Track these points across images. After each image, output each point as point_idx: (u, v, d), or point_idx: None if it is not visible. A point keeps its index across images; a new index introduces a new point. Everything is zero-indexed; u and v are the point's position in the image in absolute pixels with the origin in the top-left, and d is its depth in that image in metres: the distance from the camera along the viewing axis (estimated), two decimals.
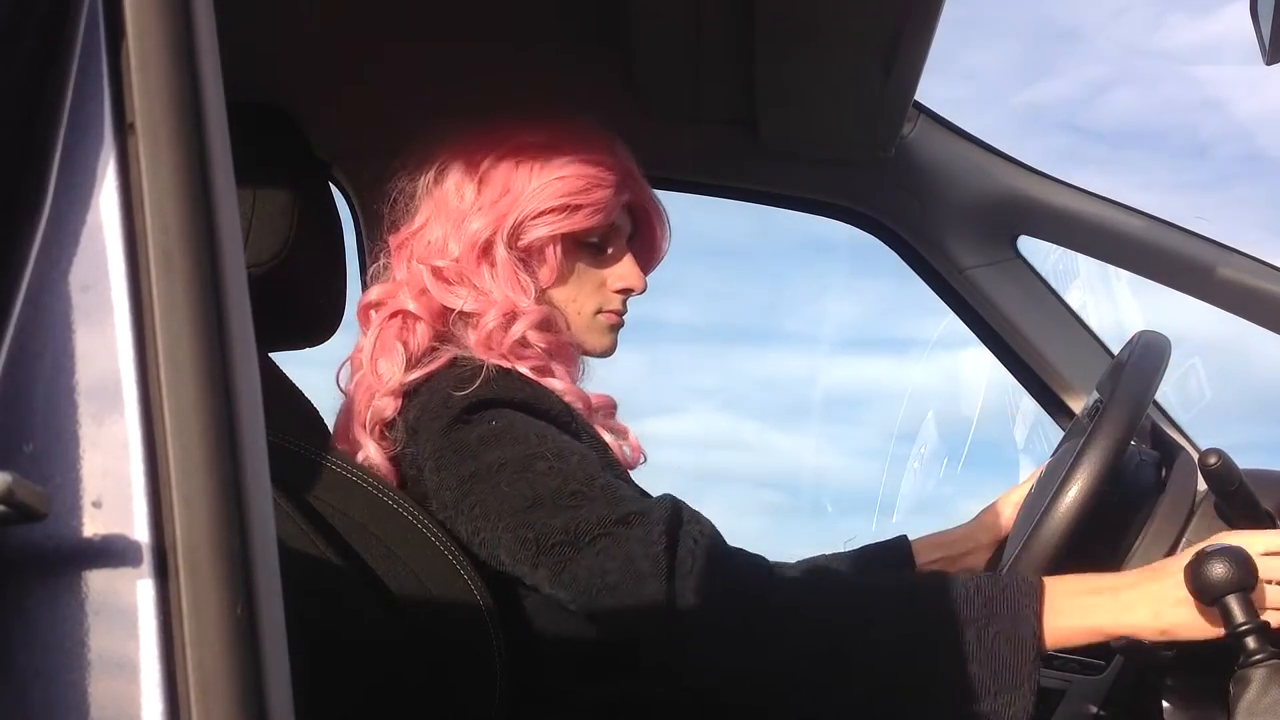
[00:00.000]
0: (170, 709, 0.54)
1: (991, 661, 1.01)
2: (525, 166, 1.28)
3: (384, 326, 1.27)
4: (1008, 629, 1.02)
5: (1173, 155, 5.57)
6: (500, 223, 1.26)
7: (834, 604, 1.09)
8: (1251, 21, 0.97)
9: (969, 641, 1.01)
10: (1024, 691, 1.01)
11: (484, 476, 1.13)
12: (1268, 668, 1.00)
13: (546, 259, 1.29)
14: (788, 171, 1.83)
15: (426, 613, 1.15)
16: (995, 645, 1.01)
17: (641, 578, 1.05)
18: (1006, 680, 1.01)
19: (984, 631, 1.02)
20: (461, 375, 1.20)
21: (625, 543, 1.07)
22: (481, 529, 1.14)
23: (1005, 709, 1.01)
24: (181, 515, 0.56)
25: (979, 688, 1.01)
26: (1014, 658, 1.01)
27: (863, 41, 1.43)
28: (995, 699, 1.01)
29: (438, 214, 1.30)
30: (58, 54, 0.60)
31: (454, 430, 1.17)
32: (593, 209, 1.29)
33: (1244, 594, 1.00)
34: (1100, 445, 1.15)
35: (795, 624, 1.07)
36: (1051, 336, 1.84)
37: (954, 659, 1.01)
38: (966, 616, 1.02)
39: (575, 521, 1.08)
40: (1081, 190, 1.76)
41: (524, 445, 1.14)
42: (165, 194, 0.59)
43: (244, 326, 0.61)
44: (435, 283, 1.27)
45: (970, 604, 1.03)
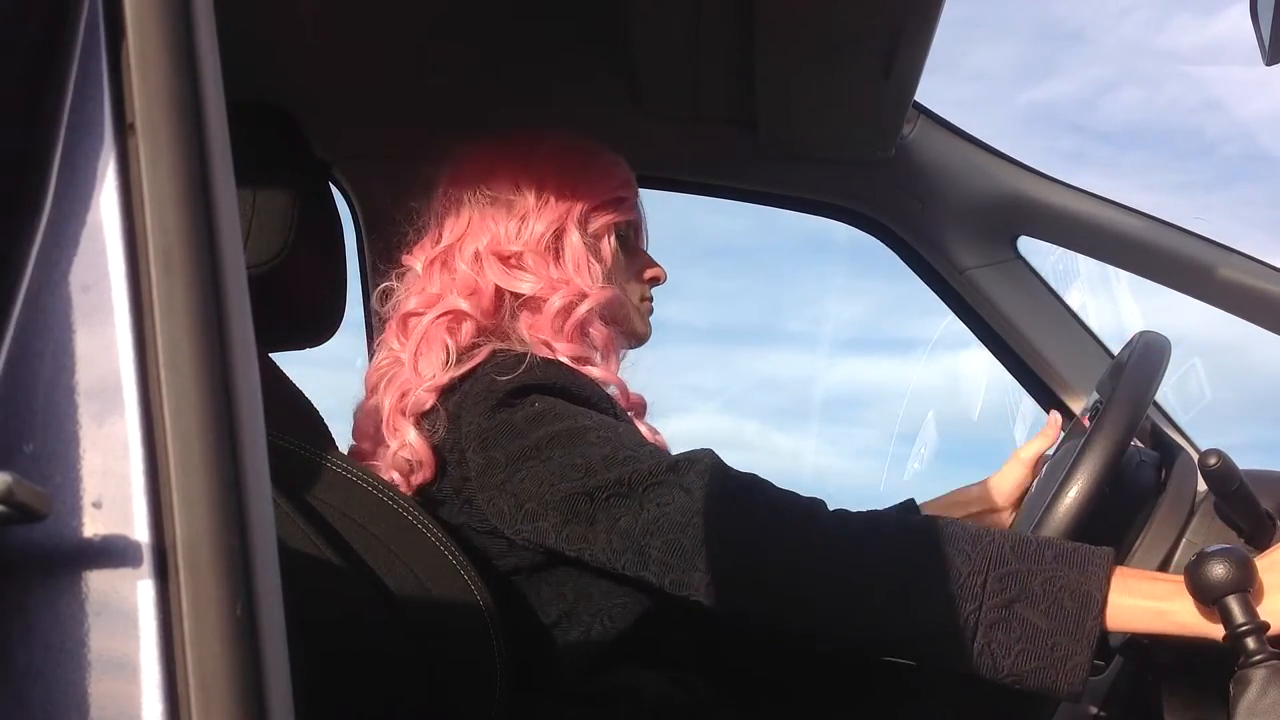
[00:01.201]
0: (170, 709, 0.54)
1: (1056, 613, 1.00)
2: (574, 165, 1.35)
3: (430, 327, 1.28)
4: (1075, 581, 1.01)
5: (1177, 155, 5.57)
6: (569, 213, 1.32)
7: (896, 536, 1.07)
8: (1251, 22, 0.97)
9: (1034, 591, 1.00)
10: (1081, 647, 0.99)
11: (533, 451, 1.16)
12: (1268, 668, 0.99)
13: (604, 248, 1.35)
14: (788, 171, 1.83)
15: (426, 612, 1.15)
16: (1060, 597, 1.00)
17: (698, 512, 1.08)
18: (1066, 631, 1.00)
19: (1051, 582, 1.00)
20: (504, 363, 1.22)
21: (679, 485, 1.10)
22: (529, 500, 1.15)
23: (1062, 661, 1.00)
24: (181, 515, 0.56)
25: (1032, 640, 1.00)
26: (1079, 612, 1.00)
27: (863, 42, 1.43)
28: (1053, 651, 1.00)
29: (489, 215, 1.32)
30: (58, 54, 0.60)
31: (499, 412, 1.19)
32: (630, 203, 1.39)
33: (1244, 594, 1.00)
34: (1100, 446, 1.16)
35: (856, 552, 1.06)
36: (1051, 337, 1.84)
37: (1017, 606, 1.00)
38: (1035, 564, 1.01)
39: (629, 474, 1.12)
40: (1081, 190, 1.76)
41: (570, 421, 1.17)
42: (165, 194, 0.59)
43: (244, 326, 0.61)
44: (501, 270, 1.30)
45: (1041, 554, 1.02)
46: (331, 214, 1.38)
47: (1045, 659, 1.00)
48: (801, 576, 1.06)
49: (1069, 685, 1.00)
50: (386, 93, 1.70)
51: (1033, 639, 1.00)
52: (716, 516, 1.08)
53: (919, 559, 1.04)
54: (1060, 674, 1.00)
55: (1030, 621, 1.00)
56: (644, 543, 1.10)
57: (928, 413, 2.42)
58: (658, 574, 1.10)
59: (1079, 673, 1.00)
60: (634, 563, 1.11)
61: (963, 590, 1.01)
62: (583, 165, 1.35)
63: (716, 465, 1.12)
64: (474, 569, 1.17)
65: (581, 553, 1.14)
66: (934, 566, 1.03)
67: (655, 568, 1.10)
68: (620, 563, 1.12)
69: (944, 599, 1.02)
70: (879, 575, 1.05)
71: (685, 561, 1.08)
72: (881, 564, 1.05)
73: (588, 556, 1.14)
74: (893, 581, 1.04)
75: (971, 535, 1.05)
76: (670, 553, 1.08)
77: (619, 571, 1.14)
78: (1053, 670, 1.00)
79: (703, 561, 1.07)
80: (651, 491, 1.10)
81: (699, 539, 1.07)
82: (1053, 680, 1.00)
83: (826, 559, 1.06)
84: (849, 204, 1.86)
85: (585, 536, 1.13)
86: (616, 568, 1.13)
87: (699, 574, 1.08)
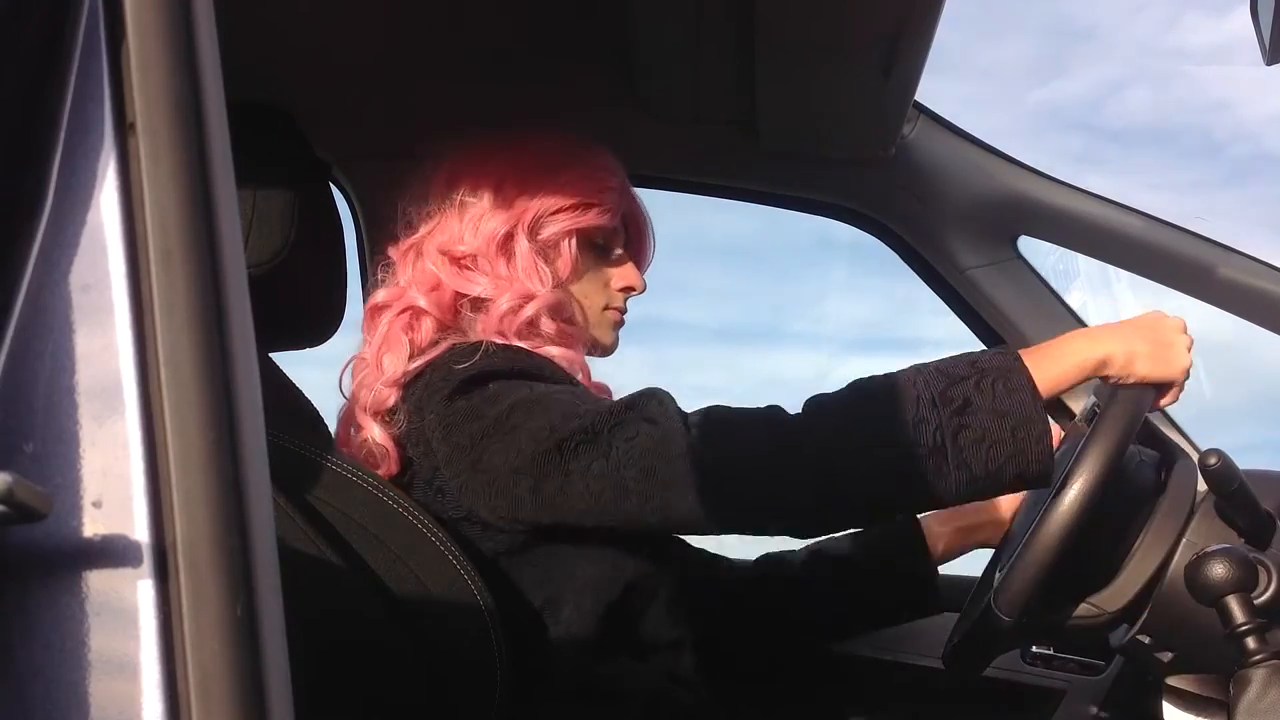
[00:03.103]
0: (170, 709, 0.54)
1: (997, 404, 1.08)
2: (541, 168, 1.36)
3: (392, 323, 1.32)
4: (1001, 376, 1.09)
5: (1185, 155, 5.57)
6: (521, 216, 1.34)
7: (844, 408, 1.13)
8: (1252, 21, 0.97)
9: (970, 396, 1.08)
10: (1035, 420, 1.08)
11: (495, 427, 1.17)
12: (1268, 668, 1.00)
13: (562, 253, 1.36)
14: (788, 171, 1.83)
15: (426, 612, 1.15)
16: (995, 390, 1.09)
17: (666, 435, 1.11)
18: (1017, 415, 1.08)
19: (980, 383, 1.09)
20: (460, 353, 1.24)
21: (642, 418, 1.13)
22: (499, 474, 1.16)
23: (1026, 441, 1.07)
24: (181, 515, 0.56)
25: (996, 430, 1.07)
26: (1013, 396, 1.08)
27: (863, 42, 1.43)
28: (1014, 436, 1.07)
29: (453, 215, 1.35)
30: (58, 54, 0.60)
31: (458, 399, 1.20)
32: (603, 208, 1.38)
33: (1244, 594, 1.00)
34: (1100, 446, 1.15)
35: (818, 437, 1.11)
36: (1052, 336, 1.83)
37: (960, 414, 1.07)
38: (959, 376, 1.10)
39: (590, 421, 1.14)
40: (1081, 190, 1.76)
41: (527, 392, 1.19)
42: (165, 194, 0.59)
43: (244, 326, 0.61)
44: (453, 270, 1.33)
45: (957, 368, 1.11)
46: (331, 214, 1.38)
47: (1012, 445, 1.07)
48: (779, 477, 1.11)
49: (1040, 463, 1.08)
50: (387, 93, 1.70)
51: (995, 431, 1.07)
52: (685, 438, 1.11)
53: (871, 414, 1.11)
54: (1031, 455, 1.08)
55: (984, 420, 1.07)
56: (620, 476, 1.11)
57: None
58: (638, 505, 1.12)
59: (1045, 447, 1.08)
60: (614, 499, 1.13)
61: (918, 420, 1.08)
62: (552, 168, 1.36)
63: (670, 397, 1.16)
64: (474, 569, 1.17)
65: (560, 509, 1.15)
66: (886, 413, 1.09)
67: (635, 499, 1.12)
68: (601, 503, 1.13)
69: (908, 435, 1.08)
70: (844, 447, 1.11)
71: (663, 486, 1.11)
72: (842, 436, 1.11)
73: (566, 510, 1.15)
74: (859, 445, 1.10)
75: (899, 377, 1.12)
76: (647, 480, 1.11)
77: (602, 516, 1.14)
78: (1023, 454, 1.08)
79: (681, 483, 1.10)
80: (616, 431, 1.13)
81: (673, 462, 1.10)
82: (1026, 464, 1.08)
83: (796, 453, 1.11)
84: (849, 204, 1.86)
85: (562, 490, 1.14)
86: (597, 509, 1.14)
87: (677, 495, 1.10)
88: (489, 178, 1.35)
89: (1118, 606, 1.18)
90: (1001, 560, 1.34)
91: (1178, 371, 1.17)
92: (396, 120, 1.74)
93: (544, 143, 1.39)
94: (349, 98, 1.70)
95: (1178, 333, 1.19)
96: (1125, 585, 1.18)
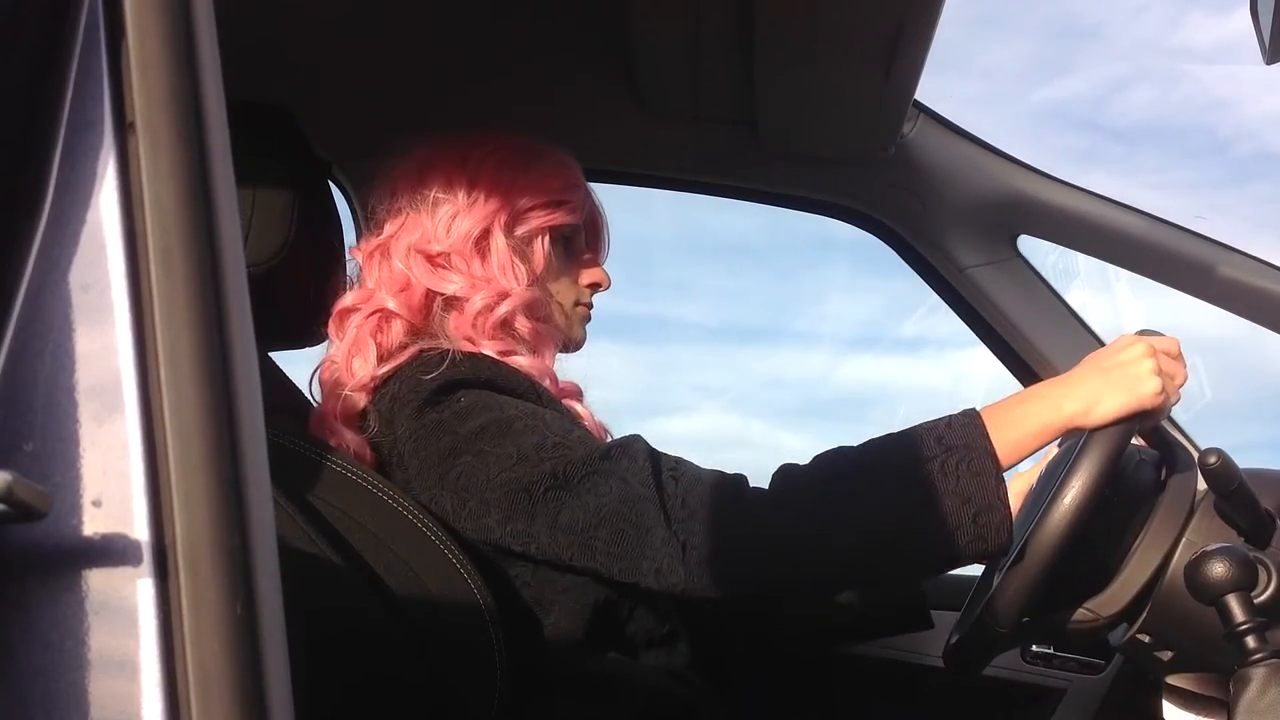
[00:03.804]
0: (170, 708, 0.54)
1: (961, 489, 1.08)
2: (513, 165, 1.35)
3: (361, 326, 1.30)
4: (964, 455, 1.09)
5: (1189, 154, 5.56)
6: (496, 214, 1.33)
7: (809, 499, 1.13)
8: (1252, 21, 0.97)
9: (935, 479, 1.08)
10: (997, 506, 1.08)
11: (464, 447, 1.17)
12: (1267, 667, 1.00)
13: (536, 250, 1.35)
14: (788, 171, 1.83)
15: (426, 612, 1.15)
16: (959, 472, 1.08)
17: (638, 499, 1.11)
18: (979, 501, 1.08)
19: (945, 465, 1.08)
20: (428, 362, 1.23)
21: (614, 473, 1.13)
22: (469, 498, 1.16)
23: (987, 527, 1.08)
24: (181, 515, 0.56)
25: (958, 515, 1.07)
26: (977, 480, 1.08)
27: (863, 41, 1.43)
28: (975, 522, 1.07)
29: (424, 213, 1.34)
30: (58, 53, 0.60)
31: (427, 411, 1.20)
32: (572, 206, 1.38)
33: (1244, 594, 1.00)
34: (1100, 445, 1.15)
35: (779, 521, 1.12)
36: (1051, 336, 1.84)
37: (927, 500, 1.08)
38: (925, 456, 1.09)
39: (563, 465, 1.13)
40: (1081, 190, 1.76)
41: (497, 412, 1.19)
42: (165, 194, 0.59)
43: (244, 326, 0.61)
44: (427, 269, 1.32)
45: (924, 444, 1.10)
46: (331, 214, 1.38)
47: (973, 530, 1.08)
48: (746, 556, 1.11)
49: (998, 543, 1.09)
50: (387, 93, 1.70)
51: (957, 516, 1.07)
52: (658, 505, 1.11)
53: (842, 494, 1.11)
54: (990, 539, 1.08)
55: (949, 504, 1.07)
56: (588, 535, 1.12)
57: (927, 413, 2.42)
58: (605, 564, 1.13)
59: (1005, 530, 1.08)
60: (580, 555, 1.13)
61: (887, 505, 1.09)
62: (523, 166, 1.35)
63: (648, 451, 1.15)
64: (474, 568, 1.17)
65: (527, 548, 1.16)
66: (857, 495, 1.11)
67: (602, 559, 1.13)
68: (567, 556, 1.14)
69: (875, 521, 1.10)
70: (811, 531, 1.10)
71: (633, 550, 1.11)
72: (809, 519, 1.11)
73: (534, 550, 1.16)
74: (824, 529, 1.10)
75: (870, 458, 1.13)
76: (616, 543, 1.11)
77: (566, 564, 1.15)
78: (983, 539, 1.08)
79: (651, 551, 1.10)
80: (587, 481, 1.13)
81: (642, 528, 1.10)
82: (985, 546, 1.09)
83: (765, 530, 1.11)
84: (849, 203, 1.86)
85: (528, 532, 1.15)
86: (564, 561, 1.15)
87: (648, 562, 1.11)
88: (462, 175, 1.34)
89: (1117, 606, 1.18)
90: (1000, 561, 1.34)
91: (1148, 397, 1.12)
92: (396, 120, 1.74)
93: (511, 140, 1.38)
94: (349, 98, 1.70)
95: (1141, 356, 1.14)
96: (1125, 584, 1.18)
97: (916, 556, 1.11)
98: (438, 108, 1.71)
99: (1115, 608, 1.18)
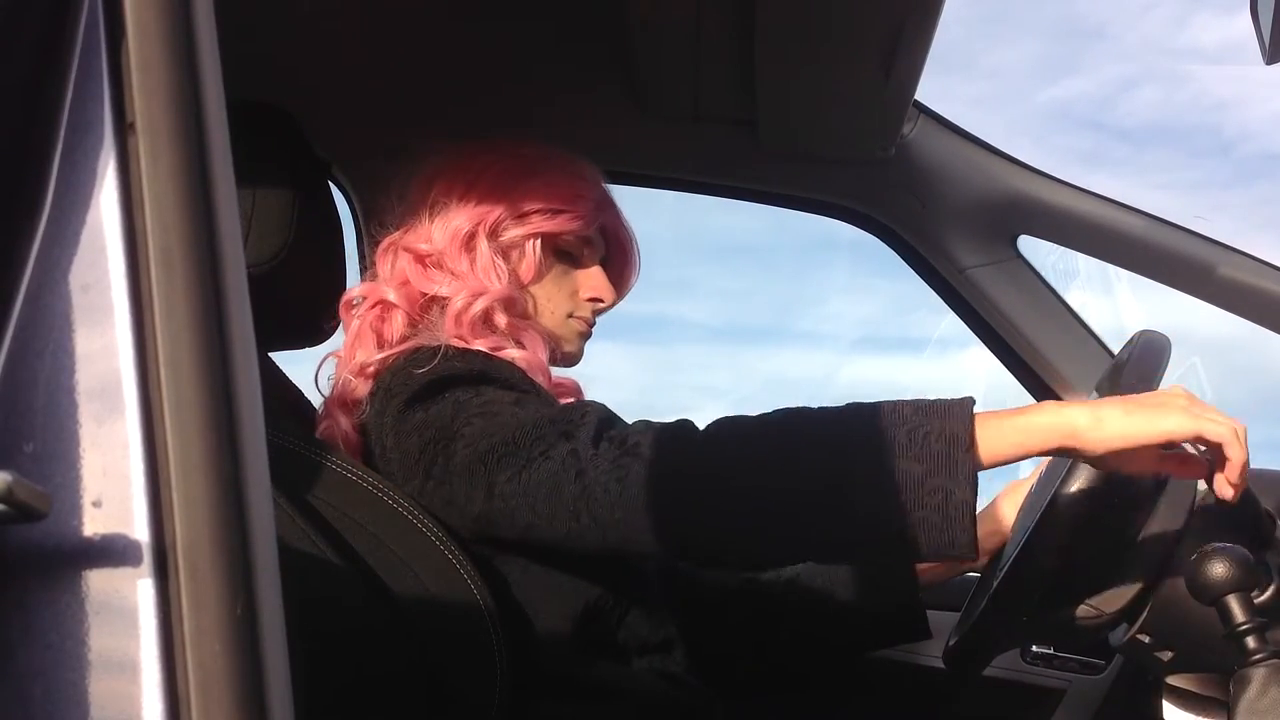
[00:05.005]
0: (170, 709, 0.54)
1: (926, 457, 0.98)
2: (514, 172, 1.36)
3: (364, 318, 1.33)
4: (939, 427, 0.99)
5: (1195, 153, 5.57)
6: (485, 217, 1.34)
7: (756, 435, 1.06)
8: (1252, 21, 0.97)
9: (900, 441, 0.99)
10: (960, 480, 0.98)
11: (442, 435, 1.17)
12: (1268, 667, 1.00)
13: (526, 255, 1.36)
14: (788, 171, 1.83)
15: (426, 611, 1.15)
16: (927, 441, 0.99)
17: (581, 470, 1.06)
18: (942, 471, 0.98)
19: (915, 432, 0.99)
20: (421, 357, 1.24)
21: (558, 435, 1.09)
22: (440, 482, 1.16)
23: (945, 500, 0.97)
24: (181, 515, 0.56)
25: (913, 479, 0.98)
26: (948, 449, 0.98)
27: (863, 41, 1.43)
28: (932, 492, 0.98)
29: (425, 215, 1.36)
30: (58, 53, 0.60)
31: (413, 406, 1.20)
32: (571, 215, 1.37)
33: (1244, 594, 1.00)
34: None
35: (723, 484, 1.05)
36: (1051, 336, 1.84)
37: (885, 458, 0.99)
38: (896, 421, 1.01)
39: (514, 432, 1.11)
40: (1081, 190, 1.76)
41: (480, 398, 1.18)
42: (165, 194, 0.59)
43: (244, 326, 0.61)
44: (417, 269, 1.34)
45: (897, 412, 1.02)
46: (331, 214, 1.39)
47: (929, 506, 0.97)
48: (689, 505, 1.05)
49: (959, 532, 0.98)
50: (387, 93, 1.70)
51: (911, 487, 0.98)
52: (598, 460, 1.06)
53: (784, 446, 1.03)
54: (946, 521, 0.98)
55: (905, 469, 0.98)
56: (530, 497, 1.08)
57: None
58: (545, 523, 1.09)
59: (967, 513, 0.98)
60: (524, 515, 1.09)
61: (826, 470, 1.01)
62: (526, 172, 1.36)
63: (597, 411, 1.11)
64: (473, 567, 1.17)
65: (491, 523, 1.13)
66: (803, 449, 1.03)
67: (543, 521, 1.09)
68: (515, 523, 1.11)
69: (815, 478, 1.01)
70: (747, 480, 1.03)
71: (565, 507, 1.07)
72: (748, 464, 1.04)
73: (492, 527, 1.14)
74: (766, 476, 1.03)
75: (831, 412, 1.04)
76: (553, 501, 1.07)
77: (525, 534, 1.12)
78: (938, 515, 0.97)
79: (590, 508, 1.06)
80: (535, 445, 1.09)
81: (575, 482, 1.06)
82: (942, 530, 0.98)
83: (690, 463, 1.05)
84: (849, 203, 1.86)
85: (486, 503, 1.12)
86: (517, 527, 1.11)
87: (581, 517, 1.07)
88: (461, 180, 1.36)
89: (1117, 606, 1.18)
90: (1003, 559, 1.34)
91: (1171, 425, 1.02)
92: (396, 120, 1.74)
93: (524, 149, 1.39)
94: (349, 98, 1.70)
95: (1177, 395, 1.05)
96: (1125, 585, 1.18)
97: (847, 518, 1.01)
98: (438, 109, 1.71)
99: (1119, 603, 1.18)
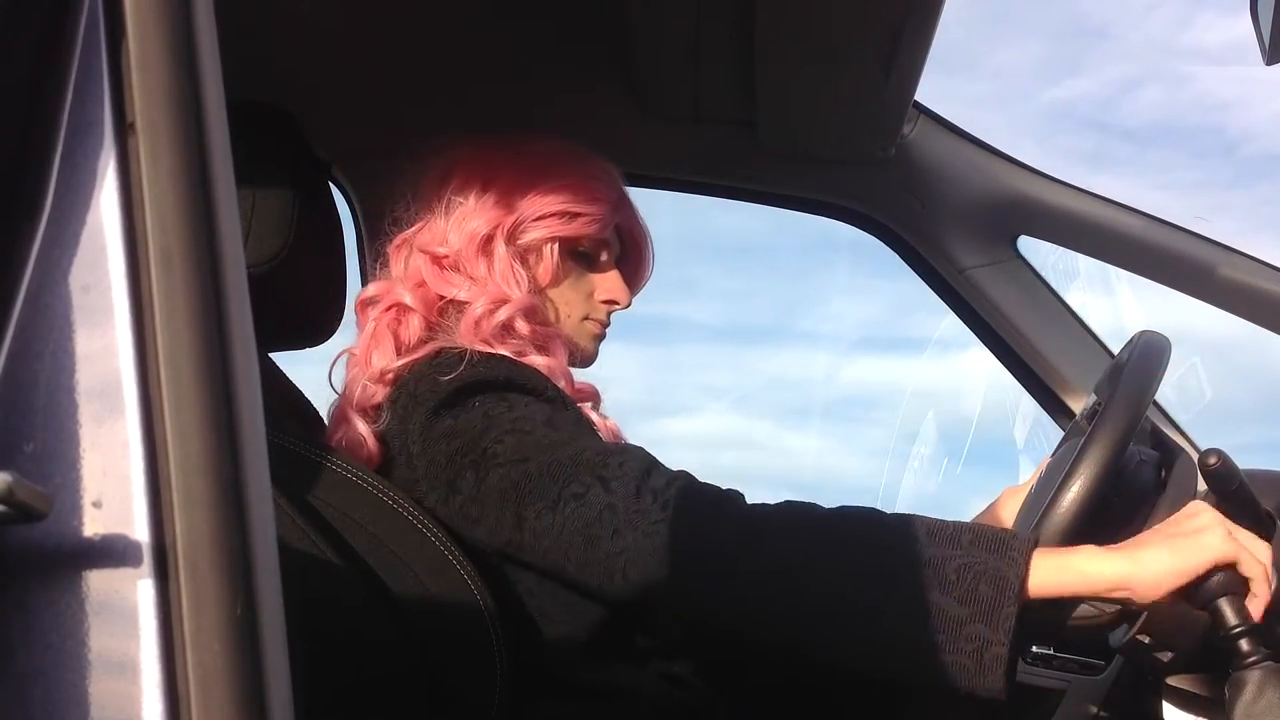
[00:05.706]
0: (170, 709, 0.54)
1: (971, 600, 0.95)
2: (530, 173, 1.34)
3: (379, 319, 1.32)
4: (992, 567, 0.96)
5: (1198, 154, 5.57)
6: (502, 220, 1.32)
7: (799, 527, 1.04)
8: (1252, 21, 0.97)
9: (949, 579, 0.96)
10: (1000, 633, 0.94)
11: (472, 452, 1.15)
12: (1263, 670, 0.99)
13: (544, 258, 1.35)
14: (788, 171, 1.83)
15: (427, 612, 1.15)
16: (977, 583, 0.95)
17: (611, 508, 1.05)
18: (983, 618, 0.94)
19: (965, 570, 0.96)
20: (446, 361, 1.23)
21: (599, 479, 1.07)
22: (470, 503, 1.15)
23: (981, 650, 0.94)
24: (181, 515, 0.56)
25: (953, 621, 0.94)
26: (995, 594, 0.95)
27: (863, 42, 1.43)
28: (969, 639, 0.95)
29: (441, 213, 1.35)
30: (58, 54, 0.60)
31: (442, 415, 1.19)
32: (589, 219, 1.35)
33: (1236, 597, 1.00)
34: (1100, 445, 1.15)
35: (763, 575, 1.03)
36: (1051, 336, 1.84)
37: (930, 593, 0.95)
38: (951, 551, 0.97)
39: (550, 466, 1.10)
40: (1081, 190, 1.76)
41: (509, 419, 1.16)
42: (165, 194, 0.59)
43: (244, 326, 0.61)
44: (433, 271, 1.33)
45: (956, 540, 0.98)
46: (331, 214, 1.39)
47: (964, 652, 0.95)
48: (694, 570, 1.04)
49: (991, 680, 0.95)
50: (386, 93, 1.70)
51: (949, 629, 0.95)
52: (639, 518, 1.05)
53: (832, 552, 1.01)
54: (979, 668, 0.95)
55: (946, 608, 0.95)
56: (562, 540, 1.08)
57: (928, 412, 2.43)
58: (577, 574, 1.09)
59: (999, 665, 0.94)
60: (554, 558, 1.10)
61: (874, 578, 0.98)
62: (540, 173, 1.34)
63: (644, 459, 1.10)
64: (473, 568, 1.17)
65: (509, 549, 1.14)
66: (850, 561, 1.00)
67: (574, 568, 1.09)
68: (543, 558, 1.11)
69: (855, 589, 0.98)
70: (789, 580, 1.01)
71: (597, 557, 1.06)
72: (794, 560, 1.01)
73: (514, 552, 1.14)
74: (809, 576, 1.00)
75: (889, 523, 1.01)
76: (590, 549, 1.06)
77: (545, 568, 1.13)
78: (971, 661, 0.95)
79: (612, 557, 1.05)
80: (571, 485, 1.08)
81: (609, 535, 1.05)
82: (974, 675, 0.95)
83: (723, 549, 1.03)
84: (849, 204, 1.86)
85: (511, 534, 1.12)
86: (542, 564, 1.12)
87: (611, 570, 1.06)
88: (477, 179, 1.34)
89: (1117, 607, 1.18)
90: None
91: (1214, 553, 0.98)
92: (396, 120, 1.74)
93: (539, 147, 1.37)
94: (349, 98, 1.70)
95: (1211, 523, 1.01)
96: None
97: (880, 639, 0.99)
98: (438, 109, 1.71)
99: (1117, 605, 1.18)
